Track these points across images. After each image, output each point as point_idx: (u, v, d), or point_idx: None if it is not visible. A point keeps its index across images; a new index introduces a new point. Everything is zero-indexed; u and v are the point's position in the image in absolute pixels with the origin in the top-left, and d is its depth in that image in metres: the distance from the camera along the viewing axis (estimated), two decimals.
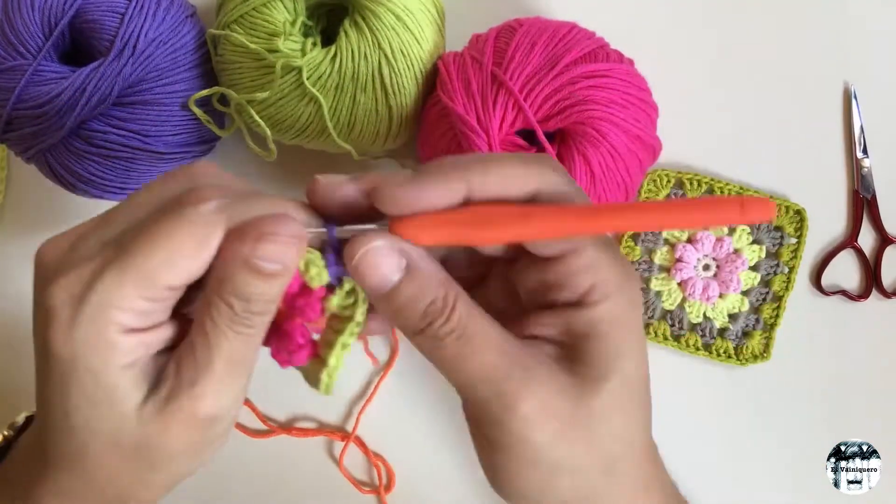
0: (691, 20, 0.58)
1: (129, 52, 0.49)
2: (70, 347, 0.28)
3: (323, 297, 0.31)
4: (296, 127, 0.51)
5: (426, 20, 0.51)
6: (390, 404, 0.56)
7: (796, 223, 0.56)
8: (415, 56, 0.50)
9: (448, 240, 0.30)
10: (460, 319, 0.30)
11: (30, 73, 0.48)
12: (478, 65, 0.49)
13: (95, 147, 0.50)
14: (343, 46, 0.49)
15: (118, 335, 0.28)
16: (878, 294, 0.56)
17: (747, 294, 0.56)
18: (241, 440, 0.56)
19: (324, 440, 0.56)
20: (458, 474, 0.56)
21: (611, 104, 0.48)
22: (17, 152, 0.52)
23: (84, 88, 0.48)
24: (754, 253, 0.56)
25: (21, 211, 0.59)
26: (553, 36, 0.49)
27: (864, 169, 0.56)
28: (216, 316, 0.29)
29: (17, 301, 0.59)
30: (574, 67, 0.48)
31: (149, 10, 0.49)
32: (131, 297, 0.28)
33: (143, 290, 0.28)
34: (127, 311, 0.28)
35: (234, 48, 0.50)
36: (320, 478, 0.56)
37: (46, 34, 0.49)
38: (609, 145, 0.48)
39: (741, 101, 0.57)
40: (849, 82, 0.57)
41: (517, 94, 0.47)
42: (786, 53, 0.58)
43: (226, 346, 0.29)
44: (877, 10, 0.58)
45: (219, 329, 0.29)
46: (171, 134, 0.51)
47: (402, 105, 0.51)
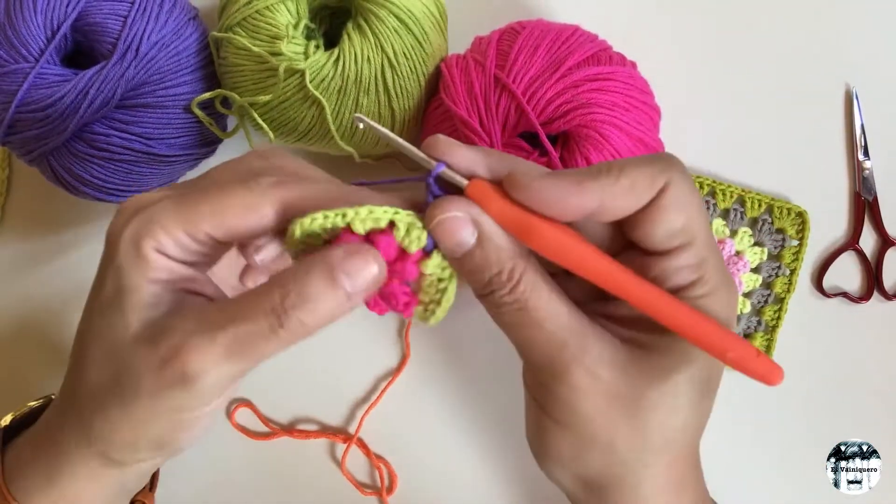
0: (693, 23, 0.59)
1: (131, 55, 0.48)
2: (114, 246, 0.32)
3: (419, 260, 0.32)
4: (298, 130, 0.51)
5: (428, 23, 0.51)
6: (393, 406, 0.56)
7: (798, 225, 0.56)
8: (417, 59, 0.50)
9: (507, 224, 0.32)
10: (523, 292, 0.32)
11: (32, 76, 0.48)
12: (480, 67, 0.49)
13: (98, 150, 0.50)
14: (346, 49, 0.49)
15: (152, 251, 0.32)
16: (880, 296, 0.56)
17: (749, 296, 0.56)
18: (244, 442, 0.56)
19: (326, 442, 0.56)
20: (460, 476, 0.56)
21: (614, 107, 0.48)
22: (20, 155, 0.51)
23: (87, 91, 0.48)
24: (756, 255, 0.56)
25: (22, 213, 0.59)
26: (556, 39, 0.49)
27: (865, 171, 0.56)
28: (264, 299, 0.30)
29: (19, 302, 0.59)
30: (577, 70, 0.48)
31: (151, 13, 0.49)
32: (175, 225, 0.32)
33: (187, 224, 0.32)
34: (167, 235, 0.32)
35: (236, 51, 0.50)
36: (322, 480, 0.56)
37: (49, 37, 0.49)
38: (612, 148, 0.48)
39: (743, 103, 0.58)
40: (850, 84, 0.57)
41: (520, 97, 0.47)
42: (787, 55, 0.58)
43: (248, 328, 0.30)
44: (878, 12, 0.58)
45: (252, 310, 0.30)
46: (173, 137, 0.51)
47: (405, 108, 0.51)
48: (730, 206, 0.56)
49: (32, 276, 0.59)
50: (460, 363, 0.57)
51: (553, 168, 0.48)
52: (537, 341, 0.33)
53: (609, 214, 0.32)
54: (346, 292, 0.30)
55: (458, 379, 0.57)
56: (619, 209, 0.32)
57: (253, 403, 0.57)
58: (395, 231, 0.31)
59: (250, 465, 0.56)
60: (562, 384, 0.33)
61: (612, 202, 0.31)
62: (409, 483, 0.56)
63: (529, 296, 0.32)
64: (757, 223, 0.56)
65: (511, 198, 0.32)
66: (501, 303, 0.32)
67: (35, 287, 0.59)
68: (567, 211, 0.31)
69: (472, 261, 0.32)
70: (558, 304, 0.33)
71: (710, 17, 0.58)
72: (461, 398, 0.56)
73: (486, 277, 0.32)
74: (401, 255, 0.32)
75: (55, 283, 0.58)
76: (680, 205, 0.32)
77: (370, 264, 0.30)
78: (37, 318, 0.59)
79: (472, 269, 0.32)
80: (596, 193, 0.31)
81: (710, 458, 0.55)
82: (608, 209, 0.32)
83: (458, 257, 0.32)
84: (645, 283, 0.32)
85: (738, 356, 0.31)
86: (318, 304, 0.30)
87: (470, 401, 0.56)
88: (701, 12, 0.58)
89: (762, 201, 0.56)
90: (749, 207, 0.56)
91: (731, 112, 0.57)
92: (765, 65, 0.58)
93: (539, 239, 0.31)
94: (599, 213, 0.32)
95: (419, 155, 0.32)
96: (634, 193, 0.32)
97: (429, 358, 0.56)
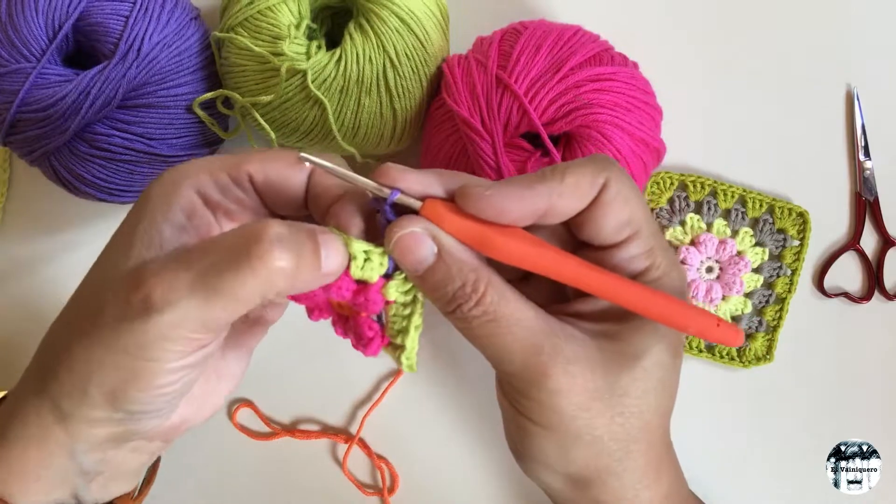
0: (694, 23, 0.59)
1: (133, 55, 0.48)
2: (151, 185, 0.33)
3: (381, 288, 0.32)
4: (300, 130, 0.51)
5: (430, 23, 0.51)
6: (394, 407, 0.56)
7: (799, 225, 0.56)
8: (419, 59, 0.50)
9: (465, 238, 0.33)
10: (491, 303, 0.32)
11: (34, 76, 0.48)
12: (482, 68, 0.49)
13: (99, 150, 0.50)
14: (348, 49, 0.49)
15: (187, 188, 0.33)
16: (881, 296, 0.56)
17: (750, 296, 0.56)
18: (245, 442, 0.56)
19: (327, 442, 0.56)
20: (461, 476, 0.56)
21: (615, 107, 0.48)
22: (21, 155, 0.51)
23: (88, 91, 0.48)
24: (757, 255, 0.56)
25: (23, 213, 0.59)
26: (558, 39, 0.49)
27: (866, 171, 0.56)
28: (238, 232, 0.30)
29: (20, 301, 0.59)
30: (579, 70, 0.48)
31: (153, 13, 0.49)
32: (220, 167, 0.33)
33: (232, 167, 0.33)
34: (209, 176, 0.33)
35: (238, 51, 0.50)
36: (324, 480, 0.56)
37: (50, 37, 0.49)
38: (614, 148, 0.48)
39: (744, 104, 0.58)
40: (851, 85, 0.57)
41: (522, 98, 0.47)
42: (788, 56, 0.58)
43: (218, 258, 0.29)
44: (879, 13, 0.58)
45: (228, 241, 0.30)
46: (175, 137, 0.51)
47: (407, 108, 0.51)
48: (731, 207, 0.56)
49: (32, 276, 0.59)
50: (461, 363, 0.57)
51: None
52: (511, 349, 0.33)
53: (558, 215, 0.33)
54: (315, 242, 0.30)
55: (459, 379, 0.57)
56: (566, 208, 0.33)
57: (254, 404, 0.57)
58: (352, 264, 0.31)
59: (252, 466, 0.56)
60: (541, 389, 0.33)
61: (560, 202, 0.33)
62: (411, 483, 0.56)
63: (498, 305, 0.32)
64: (758, 223, 0.56)
65: (465, 211, 0.32)
66: (470, 316, 0.33)
67: (35, 287, 0.59)
68: (520, 215, 0.32)
69: (434, 276, 0.32)
70: (526, 310, 0.33)
71: (711, 17, 0.59)
72: (462, 398, 0.56)
73: (451, 292, 0.32)
74: (361, 288, 0.32)
75: (55, 283, 0.58)
76: (622, 198, 0.33)
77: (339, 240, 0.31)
78: (37, 319, 0.58)
79: (434, 285, 0.32)
80: (544, 195, 0.32)
81: (710, 459, 0.55)
82: (557, 209, 0.33)
83: (420, 275, 0.32)
84: (607, 273, 0.33)
85: (700, 326, 0.33)
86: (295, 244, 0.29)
87: (471, 401, 0.56)
88: (702, 13, 0.59)
89: (763, 202, 0.56)
90: (750, 208, 0.56)
91: (733, 112, 0.57)
92: (766, 65, 0.58)
93: (498, 247, 0.32)
94: (549, 214, 0.33)
95: (371, 185, 0.32)
96: (579, 192, 0.33)
97: (430, 358, 0.56)
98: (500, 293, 0.33)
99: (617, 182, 0.33)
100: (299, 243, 0.29)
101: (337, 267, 0.31)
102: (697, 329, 0.33)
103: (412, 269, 0.32)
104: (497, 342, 0.33)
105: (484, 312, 0.32)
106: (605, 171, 0.33)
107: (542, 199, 0.32)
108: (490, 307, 0.32)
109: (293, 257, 0.29)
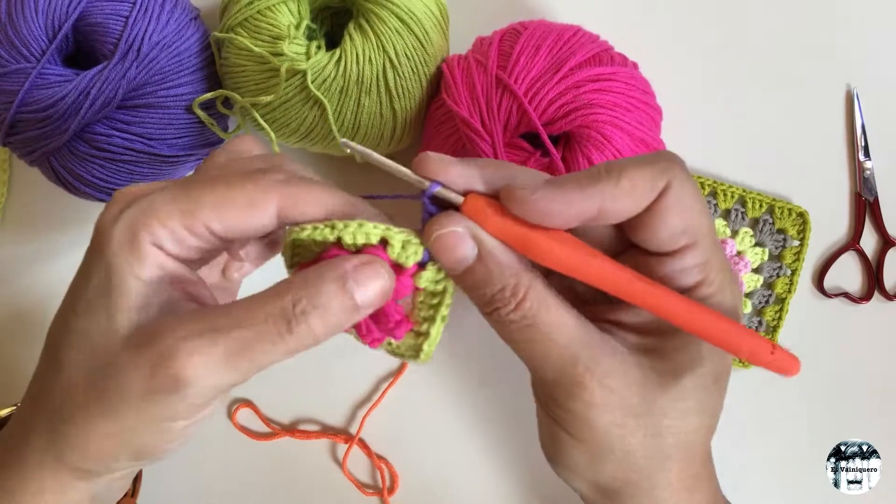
0: (694, 23, 0.59)
1: (133, 56, 0.48)
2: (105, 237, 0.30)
3: (414, 274, 0.32)
4: (300, 130, 0.51)
5: (430, 23, 0.51)
6: (394, 407, 0.56)
7: (799, 225, 0.56)
8: (419, 59, 0.50)
9: (508, 239, 0.31)
10: (531, 308, 0.31)
11: (33, 76, 0.48)
12: (482, 68, 0.49)
13: (99, 150, 0.50)
14: (347, 50, 0.49)
15: (148, 244, 0.30)
16: (880, 296, 0.56)
17: (750, 296, 0.56)
18: (245, 442, 0.56)
19: (327, 443, 0.56)
20: (461, 477, 0.56)
21: (615, 107, 0.48)
22: (21, 155, 0.51)
23: (88, 92, 0.48)
24: (757, 255, 0.56)
25: (23, 213, 0.59)
26: (557, 39, 0.49)
27: (866, 171, 0.56)
28: (274, 301, 0.29)
29: (18, 301, 0.59)
30: (578, 71, 0.48)
31: (153, 13, 0.49)
32: (174, 216, 0.30)
33: (187, 215, 0.30)
34: (164, 228, 0.30)
35: (238, 51, 0.50)
36: (324, 480, 0.56)
37: (50, 37, 0.49)
38: (614, 149, 0.48)
39: (744, 104, 0.58)
40: (851, 85, 0.57)
41: (522, 98, 0.47)
42: (788, 56, 0.58)
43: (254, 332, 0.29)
44: (878, 13, 0.58)
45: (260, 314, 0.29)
46: (174, 137, 0.51)
47: (407, 108, 0.51)
48: (731, 207, 0.56)
49: (32, 276, 0.59)
50: (461, 364, 0.57)
51: (554, 170, 0.48)
52: (548, 357, 0.32)
53: (609, 218, 0.31)
54: (354, 303, 0.29)
55: (459, 379, 0.57)
56: (619, 213, 0.31)
57: (254, 404, 0.57)
58: (389, 248, 0.31)
59: (252, 466, 0.56)
60: (576, 400, 0.32)
61: (613, 206, 0.31)
62: (411, 483, 0.56)
63: (538, 311, 0.31)
64: (758, 224, 0.56)
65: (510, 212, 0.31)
66: (508, 320, 0.32)
67: (35, 287, 0.59)
68: (568, 219, 0.31)
69: (474, 277, 0.31)
70: (567, 317, 0.32)
71: (711, 17, 0.59)
72: (462, 398, 0.56)
73: (489, 294, 0.31)
74: (396, 269, 0.31)
75: (55, 283, 0.58)
76: (682, 206, 0.31)
77: (381, 275, 0.30)
78: (37, 319, 0.58)
79: (473, 286, 0.32)
80: (596, 198, 0.30)
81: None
82: (608, 213, 0.31)
83: (459, 274, 0.32)
84: (656, 285, 0.31)
85: (753, 350, 0.31)
86: (329, 310, 0.29)
87: (471, 401, 0.56)
88: (702, 13, 0.58)
89: (763, 202, 0.56)
90: (750, 208, 0.56)
91: (733, 112, 0.57)
92: (766, 65, 0.58)
93: (543, 252, 0.31)
94: (600, 217, 0.31)
95: (412, 177, 0.32)
96: (635, 196, 0.31)
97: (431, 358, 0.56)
98: (541, 299, 0.31)
99: (679, 187, 0.31)
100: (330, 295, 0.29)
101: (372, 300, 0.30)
102: (750, 353, 0.31)
103: (450, 268, 0.32)
104: (534, 348, 0.32)
105: (522, 317, 0.31)
106: (666, 173, 0.31)
107: (594, 202, 0.30)
108: (529, 312, 0.31)
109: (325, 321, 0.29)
